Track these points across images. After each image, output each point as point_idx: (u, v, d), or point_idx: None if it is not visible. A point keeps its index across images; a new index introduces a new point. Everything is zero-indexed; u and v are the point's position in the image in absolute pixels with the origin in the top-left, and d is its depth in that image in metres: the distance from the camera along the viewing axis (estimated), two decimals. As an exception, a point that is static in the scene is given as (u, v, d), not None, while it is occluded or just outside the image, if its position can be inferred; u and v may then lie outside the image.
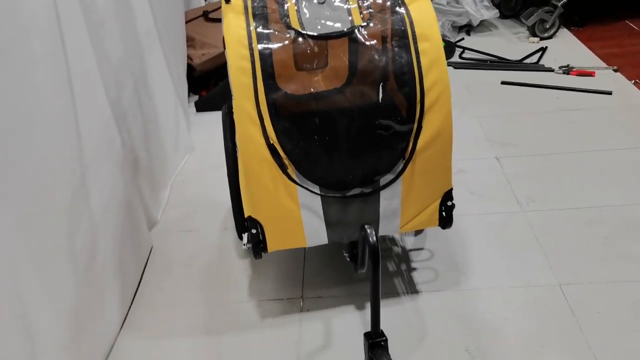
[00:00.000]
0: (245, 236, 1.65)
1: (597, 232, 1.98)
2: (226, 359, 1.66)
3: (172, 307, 1.86)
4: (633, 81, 2.98)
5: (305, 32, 1.50)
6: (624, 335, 1.60)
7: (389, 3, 1.54)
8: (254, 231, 1.56)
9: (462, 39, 3.70)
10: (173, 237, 2.18)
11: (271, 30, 1.49)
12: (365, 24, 1.52)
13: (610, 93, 2.87)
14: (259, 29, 1.48)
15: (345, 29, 1.51)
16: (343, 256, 1.78)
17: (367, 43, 1.51)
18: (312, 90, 1.54)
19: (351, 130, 1.49)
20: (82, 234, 1.57)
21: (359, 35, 1.51)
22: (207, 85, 3.26)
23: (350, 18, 1.53)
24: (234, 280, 1.94)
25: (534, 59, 3.36)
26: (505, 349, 1.60)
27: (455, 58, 3.48)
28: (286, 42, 1.49)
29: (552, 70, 3.19)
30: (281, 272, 1.95)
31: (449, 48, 3.42)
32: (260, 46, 1.46)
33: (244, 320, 1.78)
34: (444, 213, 1.61)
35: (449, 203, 1.60)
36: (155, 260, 2.07)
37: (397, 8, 1.53)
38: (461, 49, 3.55)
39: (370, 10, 1.54)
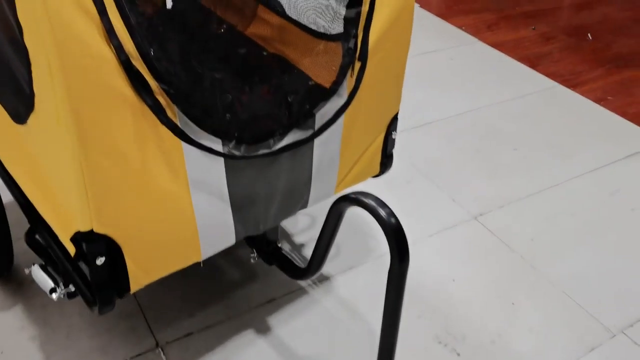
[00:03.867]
0: (54, 281, 0.81)
1: (465, 146, 1.68)
2: None
3: None
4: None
5: None
6: (567, 253, 1.33)
7: None
8: (99, 261, 0.72)
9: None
10: None
11: None
12: None
13: None
14: None
15: None
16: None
17: None
18: None
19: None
20: None
21: None
22: None
23: None
24: (18, 350, 1.01)
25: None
26: (478, 324, 1.16)
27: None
28: None
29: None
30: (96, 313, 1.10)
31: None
32: None
33: None
34: (386, 151, 1.04)
35: (393, 135, 1.04)
36: None
37: None
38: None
39: None
